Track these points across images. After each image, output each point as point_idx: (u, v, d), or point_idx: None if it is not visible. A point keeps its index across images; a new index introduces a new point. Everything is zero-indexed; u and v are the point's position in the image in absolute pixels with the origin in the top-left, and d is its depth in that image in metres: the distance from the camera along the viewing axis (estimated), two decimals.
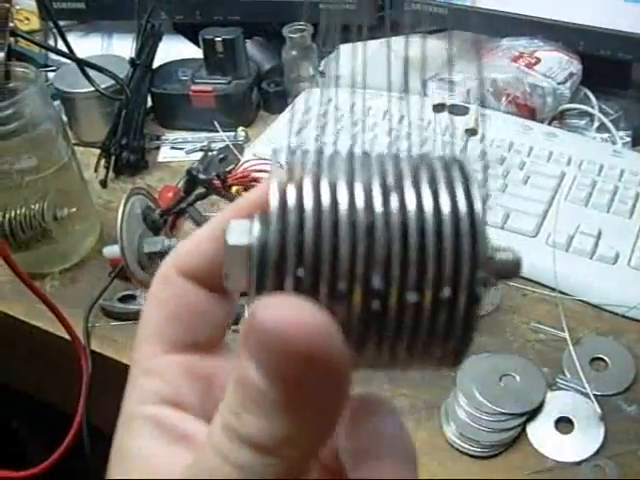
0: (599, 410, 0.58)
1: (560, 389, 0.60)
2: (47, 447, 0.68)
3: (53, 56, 1.02)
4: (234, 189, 0.71)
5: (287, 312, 0.18)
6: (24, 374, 0.83)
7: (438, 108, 0.79)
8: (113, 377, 0.46)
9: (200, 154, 0.90)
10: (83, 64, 0.87)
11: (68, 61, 0.89)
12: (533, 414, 0.58)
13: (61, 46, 0.90)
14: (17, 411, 1.03)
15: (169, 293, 0.24)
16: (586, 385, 0.59)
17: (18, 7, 1.06)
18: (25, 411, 1.02)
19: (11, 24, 0.79)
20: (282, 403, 0.19)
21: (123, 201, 0.67)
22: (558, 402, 0.59)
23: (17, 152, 0.71)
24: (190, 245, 0.25)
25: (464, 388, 0.59)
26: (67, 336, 0.67)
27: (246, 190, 0.73)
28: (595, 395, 0.59)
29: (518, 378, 0.60)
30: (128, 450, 0.22)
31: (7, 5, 0.71)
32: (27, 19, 1.08)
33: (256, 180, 0.72)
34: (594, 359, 0.63)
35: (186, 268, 0.24)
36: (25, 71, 0.74)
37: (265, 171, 0.74)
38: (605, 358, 0.63)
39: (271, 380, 0.19)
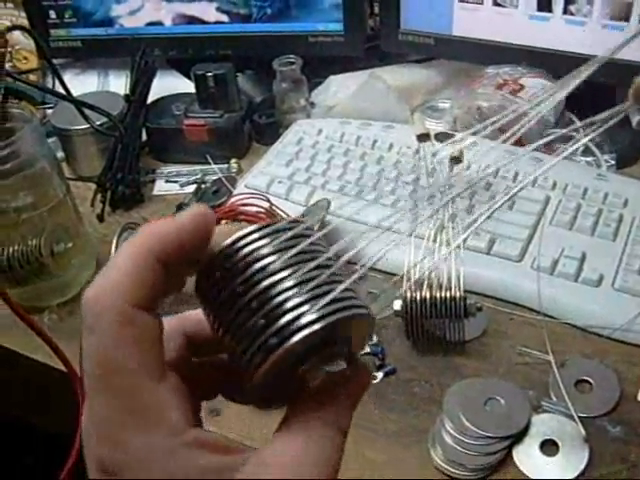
0: (584, 432, 0.59)
1: (545, 412, 0.61)
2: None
3: None
4: (222, 222, 0.73)
5: None
6: (24, 407, 0.84)
7: (422, 138, 0.80)
8: None
9: (194, 187, 0.92)
10: (78, 103, 0.89)
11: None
12: (519, 437, 0.59)
13: (59, 83, 0.93)
14: (28, 446, 1.04)
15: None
16: (571, 407, 0.60)
17: (18, 47, 1.09)
18: (35, 445, 1.02)
19: (9, 64, 0.81)
20: None
21: (116, 237, 0.69)
22: (543, 425, 0.60)
23: (14, 190, 0.73)
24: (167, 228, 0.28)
25: (450, 413, 0.60)
26: (64, 368, 0.69)
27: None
28: (580, 417, 0.60)
29: (503, 402, 0.61)
30: None
31: (2, 50, 0.73)
32: (25, 58, 1.10)
33: (243, 214, 0.74)
34: (579, 381, 0.64)
35: (139, 300, 0.27)
36: (21, 112, 0.77)
37: (252, 205, 0.76)
38: (590, 380, 0.64)
39: None
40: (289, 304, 0.27)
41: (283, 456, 0.27)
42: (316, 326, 0.26)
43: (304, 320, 0.26)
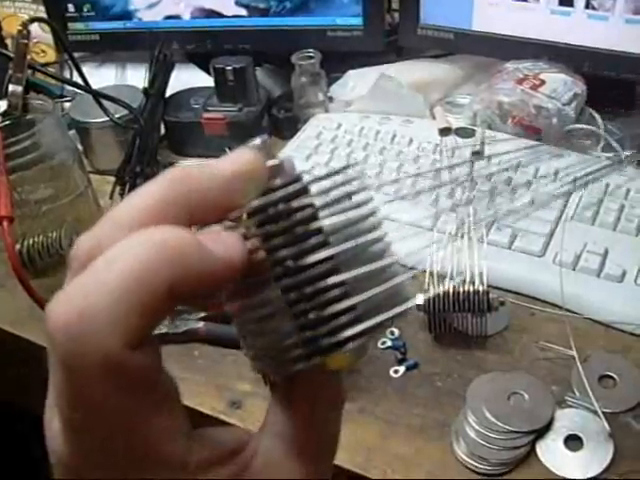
0: (608, 427, 0.58)
1: (569, 407, 0.61)
2: None
3: (69, 87, 1.04)
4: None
5: None
6: (42, 399, 0.84)
7: (444, 132, 0.80)
8: None
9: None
10: (98, 95, 0.89)
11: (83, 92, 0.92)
12: (542, 432, 0.59)
13: (76, 77, 0.93)
14: (36, 438, 1.05)
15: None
16: (595, 402, 0.60)
17: (35, 40, 1.09)
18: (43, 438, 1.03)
19: (28, 57, 0.82)
20: None
21: None
22: (567, 420, 0.60)
23: (35, 182, 0.73)
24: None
25: (474, 407, 0.60)
26: None
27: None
28: (604, 412, 0.60)
29: (527, 396, 0.61)
30: None
31: (25, 41, 0.74)
32: (43, 52, 1.11)
33: None
34: (602, 376, 0.63)
35: (135, 339, 0.21)
36: (42, 103, 0.77)
37: None
38: (613, 375, 0.63)
39: None
40: (342, 305, 0.24)
41: (276, 432, 0.26)
42: (355, 342, 0.24)
43: (350, 332, 0.24)
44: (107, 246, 0.22)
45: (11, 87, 0.74)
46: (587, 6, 0.88)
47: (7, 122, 0.73)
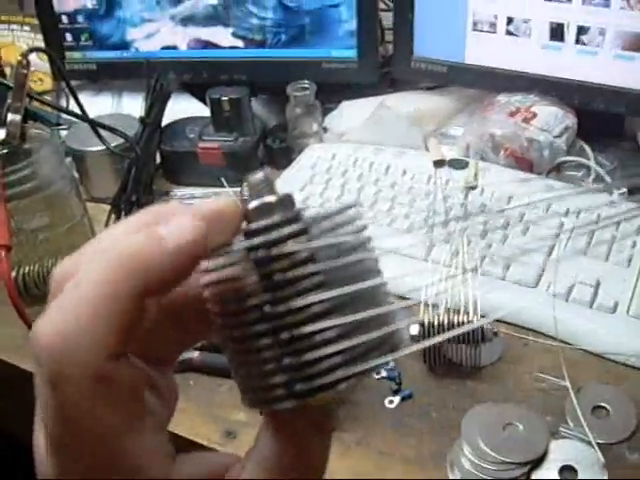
0: (602, 458, 0.59)
1: (563, 437, 0.61)
2: None
3: (65, 115, 1.05)
4: None
5: None
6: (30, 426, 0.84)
7: (438, 163, 0.81)
8: None
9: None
10: (94, 124, 0.90)
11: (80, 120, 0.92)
12: (537, 463, 0.59)
13: (72, 106, 0.94)
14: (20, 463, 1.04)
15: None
16: (589, 433, 0.60)
17: (33, 69, 1.09)
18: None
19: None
20: None
21: None
22: (561, 451, 0.60)
23: (31, 211, 0.74)
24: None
25: (468, 437, 0.60)
26: None
27: None
28: (598, 443, 0.60)
29: (521, 427, 0.61)
30: None
31: (25, 71, 0.74)
32: (40, 80, 1.11)
33: None
34: (596, 407, 0.64)
35: (117, 351, 0.23)
36: (40, 132, 0.78)
37: None
38: (607, 406, 0.64)
39: None
40: (322, 351, 0.23)
41: (262, 457, 0.26)
42: (341, 387, 0.24)
43: (330, 378, 0.23)
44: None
45: (10, 116, 0.75)
46: (577, 41, 0.90)
47: (5, 151, 0.74)
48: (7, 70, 1.11)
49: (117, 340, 0.22)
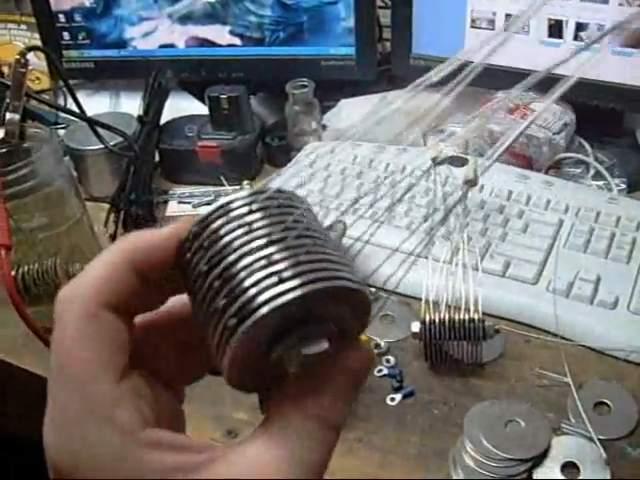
0: (604, 454, 0.59)
1: (565, 434, 0.61)
2: None
3: (63, 114, 1.05)
4: None
5: None
6: (33, 427, 0.84)
7: (437, 160, 0.81)
8: None
9: (206, 207, 0.92)
10: (93, 123, 0.90)
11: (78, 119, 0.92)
12: (539, 459, 0.59)
13: (70, 104, 0.94)
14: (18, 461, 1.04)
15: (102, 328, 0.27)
16: (590, 429, 0.60)
17: (30, 68, 1.09)
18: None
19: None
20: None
21: None
22: (563, 447, 0.60)
23: (31, 210, 0.73)
24: (102, 276, 0.28)
25: (471, 434, 0.60)
26: None
27: None
28: (600, 439, 0.60)
29: (523, 424, 0.61)
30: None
31: (23, 70, 0.74)
32: (38, 79, 1.11)
33: None
34: (597, 403, 0.64)
35: (107, 300, 0.27)
36: (39, 131, 0.77)
37: None
38: (608, 402, 0.64)
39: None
40: (251, 279, 0.24)
41: (253, 454, 0.25)
42: (275, 303, 0.24)
43: (263, 297, 0.24)
44: None
45: (8, 115, 0.74)
46: (575, 38, 0.90)
47: (4, 150, 0.73)
48: (5, 69, 1.10)
49: (111, 294, 0.27)
